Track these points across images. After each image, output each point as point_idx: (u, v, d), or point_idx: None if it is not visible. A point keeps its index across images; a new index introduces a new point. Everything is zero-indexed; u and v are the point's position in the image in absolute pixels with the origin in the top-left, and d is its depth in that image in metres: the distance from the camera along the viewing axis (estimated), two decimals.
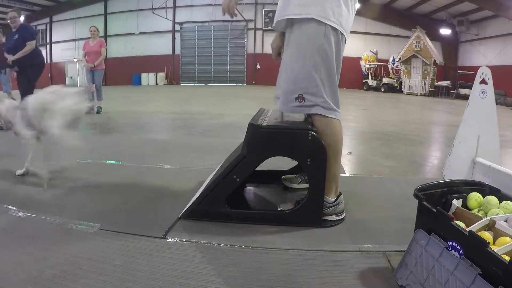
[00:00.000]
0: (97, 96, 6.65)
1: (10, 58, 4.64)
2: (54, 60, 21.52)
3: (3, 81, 6.46)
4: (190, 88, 17.26)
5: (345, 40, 1.80)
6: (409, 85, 15.85)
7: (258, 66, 19.92)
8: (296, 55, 1.75)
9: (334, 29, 1.70)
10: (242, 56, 20.24)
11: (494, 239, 1.15)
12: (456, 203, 1.35)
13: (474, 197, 1.38)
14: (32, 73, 4.93)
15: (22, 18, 4.96)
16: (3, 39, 6.87)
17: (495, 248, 1.04)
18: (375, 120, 6.56)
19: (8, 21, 4.80)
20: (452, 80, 15.61)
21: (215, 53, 20.52)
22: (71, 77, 19.47)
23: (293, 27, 1.76)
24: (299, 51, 1.74)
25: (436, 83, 15.52)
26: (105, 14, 21.07)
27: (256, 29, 19.80)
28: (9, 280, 1.30)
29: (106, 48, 6.73)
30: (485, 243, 1.01)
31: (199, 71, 20.71)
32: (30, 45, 4.77)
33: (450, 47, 17.50)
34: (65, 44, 21.46)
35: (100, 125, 5.64)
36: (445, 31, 16.70)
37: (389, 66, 17.25)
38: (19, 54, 4.66)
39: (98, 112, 6.56)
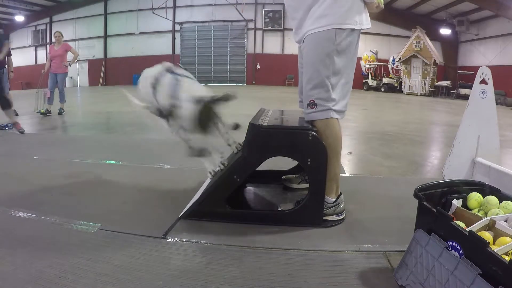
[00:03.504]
0: (60, 98, 6.95)
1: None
2: None
3: None
4: None
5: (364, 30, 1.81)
6: (409, 85, 15.84)
7: (258, 66, 19.92)
8: (308, 63, 1.79)
9: (349, 30, 1.72)
10: (242, 56, 20.23)
11: (494, 239, 1.15)
12: (456, 203, 1.35)
13: (474, 197, 1.38)
14: (2, 76, 4.80)
15: None
16: None
17: (495, 248, 1.04)
18: (375, 120, 6.56)
19: None
20: (452, 80, 15.61)
21: (215, 53, 20.51)
22: (71, 77, 19.46)
23: (306, 38, 1.80)
24: (311, 59, 1.77)
25: (436, 83, 15.52)
26: (105, 14, 21.06)
27: (256, 29, 19.79)
28: (9, 280, 1.30)
29: (74, 48, 7.29)
30: (485, 243, 1.01)
31: (199, 71, 20.69)
32: (7, 46, 4.71)
33: (450, 47, 17.49)
34: None
35: (100, 125, 5.64)
36: (445, 31, 16.69)
37: (389, 66, 17.24)
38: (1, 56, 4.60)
39: (60, 113, 6.76)
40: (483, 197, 1.38)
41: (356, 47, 1.81)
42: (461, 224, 1.20)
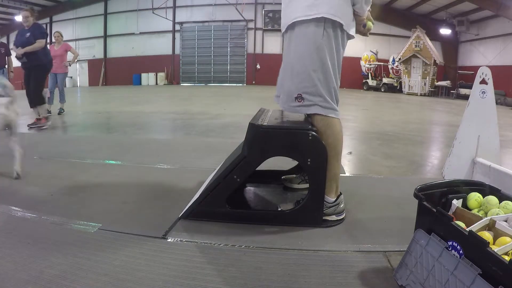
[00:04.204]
0: (60, 98, 6.95)
1: (19, 51, 4.75)
2: None
3: None
4: (190, 88, 17.26)
5: (350, 37, 1.81)
6: (409, 85, 15.85)
7: (258, 66, 19.92)
8: (296, 56, 1.77)
9: (339, 26, 1.72)
10: (242, 56, 20.23)
11: (494, 239, 1.15)
12: (456, 203, 1.35)
13: (474, 197, 1.38)
14: (39, 73, 5.06)
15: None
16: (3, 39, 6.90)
17: (495, 248, 1.04)
18: (375, 120, 6.56)
19: (21, 19, 4.97)
20: (452, 80, 15.61)
21: (215, 53, 20.51)
22: (71, 77, 19.46)
23: (294, 28, 1.78)
24: (299, 52, 1.76)
25: (436, 83, 15.53)
26: (105, 14, 21.06)
27: (256, 29, 19.79)
28: (9, 280, 1.30)
29: (74, 48, 7.29)
30: (485, 243, 1.01)
31: (199, 71, 20.71)
32: (39, 43, 4.89)
33: (450, 47, 17.49)
34: None
35: (100, 125, 5.64)
36: (445, 31, 16.70)
37: (389, 66, 17.24)
38: (27, 48, 4.76)
39: (60, 113, 6.75)
40: (483, 197, 1.38)
41: (342, 50, 1.79)
42: (461, 224, 1.20)
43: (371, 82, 17.32)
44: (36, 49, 4.85)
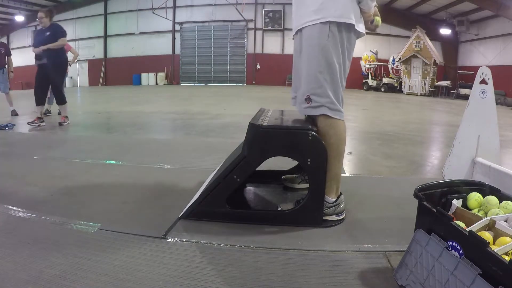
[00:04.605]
0: None
1: (38, 50, 4.86)
2: None
3: (0, 80, 6.48)
4: (190, 88, 17.27)
5: (359, 34, 1.81)
6: (409, 85, 15.85)
7: (258, 66, 19.93)
8: (304, 58, 1.79)
9: (344, 25, 1.71)
10: (242, 56, 20.24)
11: (494, 239, 1.15)
12: (456, 203, 1.35)
13: (474, 197, 1.38)
14: (57, 73, 5.17)
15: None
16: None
17: (495, 248, 1.04)
18: (375, 120, 6.56)
19: (37, 20, 5.11)
20: (452, 80, 15.62)
21: (215, 53, 20.52)
22: (71, 77, 19.47)
23: (302, 31, 1.79)
24: (306, 54, 1.78)
25: (436, 83, 15.53)
26: (105, 14, 21.07)
27: (256, 29, 19.80)
28: (9, 280, 1.30)
29: (74, 48, 7.27)
30: (485, 243, 1.01)
31: (199, 71, 20.72)
32: (62, 41, 5.04)
33: (450, 47, 17.50)
34: None
35: (100, 125, 5.64)
36: (445, 31, 16.70)
37: (389, 66, 17.25)
38: (51, 45, 4.86)
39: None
40: (483, 197, 1.38)
41: (350, 50, 1.80)
42: (461, 224, 1.20)
43: (371, 82, 17.33)
44: (59, 46, 4.98)
